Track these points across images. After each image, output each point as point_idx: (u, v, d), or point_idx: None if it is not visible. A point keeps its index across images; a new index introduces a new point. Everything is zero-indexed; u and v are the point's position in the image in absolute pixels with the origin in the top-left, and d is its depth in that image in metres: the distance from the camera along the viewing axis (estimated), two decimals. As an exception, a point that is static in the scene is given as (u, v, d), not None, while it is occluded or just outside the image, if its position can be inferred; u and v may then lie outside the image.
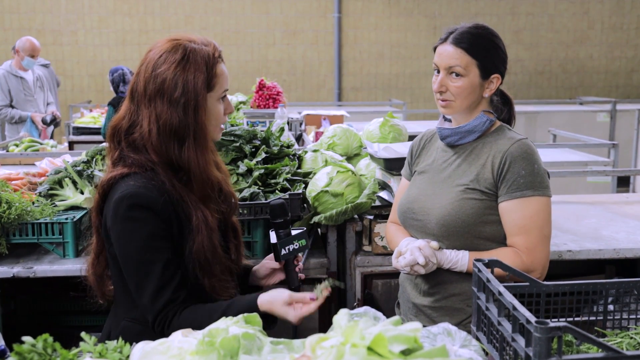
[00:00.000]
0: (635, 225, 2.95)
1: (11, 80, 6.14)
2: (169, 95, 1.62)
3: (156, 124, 1.63)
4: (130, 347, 1.21)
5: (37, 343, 1.15)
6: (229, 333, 1.13)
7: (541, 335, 1.07)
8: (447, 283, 1.94)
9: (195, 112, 1.64)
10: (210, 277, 1.67)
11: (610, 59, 10.37)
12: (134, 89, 1.68)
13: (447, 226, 1.88)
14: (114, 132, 1.70)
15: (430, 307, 1.97)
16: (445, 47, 1.89)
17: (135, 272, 1.63)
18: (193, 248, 1.64)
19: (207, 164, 1.69)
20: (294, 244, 1.85)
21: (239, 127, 2.81)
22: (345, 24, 9.94)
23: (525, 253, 1.85)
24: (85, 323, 3.05)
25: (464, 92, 1.88)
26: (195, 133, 1.65)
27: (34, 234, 2.49)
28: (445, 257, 1.88)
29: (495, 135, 1.94)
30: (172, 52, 1.64)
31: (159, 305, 1.62)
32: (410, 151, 2.15)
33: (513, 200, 1.85)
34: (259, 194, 2.58)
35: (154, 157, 1.65)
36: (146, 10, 9.61)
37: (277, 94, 5.61)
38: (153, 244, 1.61)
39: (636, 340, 1.39)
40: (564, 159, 4.61)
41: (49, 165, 3.17)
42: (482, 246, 1.90)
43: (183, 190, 1.66)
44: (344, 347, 0.90)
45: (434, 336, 1.22)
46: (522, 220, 1.84)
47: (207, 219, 1.66)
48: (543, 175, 1.88)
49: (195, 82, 1.63)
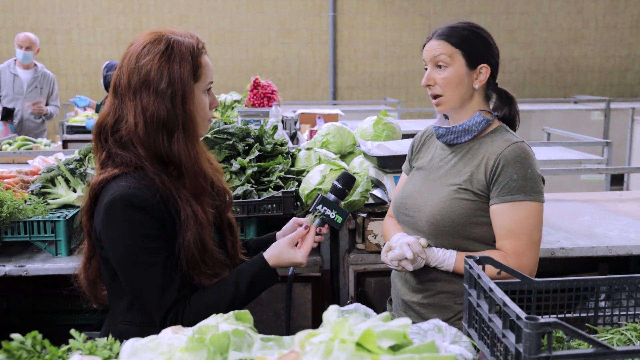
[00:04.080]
0: (627, 222, 2.96)
1: (6, 75, 6.21)
2: (155, 87, 1.58)
3: (142, 116, 1.59)
4: (121, 344, 1.21)
5: (26, 340, 1.14)
6: (219, 330, 1.12)
7: (531, 331, 1.07)
8: (436, 280, 1.94)
9: (183, 103, 1.60)
10: (200, 273, 1.64)
11: (605, 58, 10.40)
12: (117, 83, 1.64)
13: (436, 225, 1.88)
14: (100, 129, 1.65)
15: (418, 304, 1.97)
16: (430, 43, 1.92)
17: (134, 275, 1.59)
18: (182, 244, 1.60)
19: (199, 155, 1.65)
20: (332, 211, 1.79)
21: (232, 125, 2.81)
22: (340, 22, 9.94)
23: (512, 257, 1.83)
24: (78, 322, 3.05)
25: (450, 82, 1.87)
26: (185, 124, 1.61)
27: (26, 232, 2.48)
28: (433, 255, 1.87)
29: (492, 136, 1.92)
30: (155, 44, 1.61)
31: (166, 305, 1.59)
32: (412, 146, 2.15)
33: (504, 203, 1.83)
34: (252, 192, 2.58)
35: (142, 152, 1.60)
36: (140, 9, 9.59)
37: (272, 93, 5.61)
38: (149, 245, 1.57)
39: (627, 337, 1.39)
40: (558, 157, 4.62)
41: (42, 164, 3.15)
42: (471, 247, 1.89)
43: (173, 186, 1.62)
44: (332, 342, 0.90)
45: (425, 332, 1.22)
46: (512, 224, 1.83)
47: (197, 214, 1.62)
48: (536, 180, 1.85)
49: (182, 72, 1.59)
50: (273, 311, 2.68)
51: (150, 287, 1.58)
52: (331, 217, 1.79)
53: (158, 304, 1.59)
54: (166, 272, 1.59)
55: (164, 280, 1.58)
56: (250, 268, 1.70)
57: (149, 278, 1.58)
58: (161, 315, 1.60)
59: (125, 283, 1.62)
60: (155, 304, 1.59)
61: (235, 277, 1.68)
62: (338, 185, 1.83)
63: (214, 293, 1.64)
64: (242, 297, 1.66)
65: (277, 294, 2.64)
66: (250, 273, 1.69)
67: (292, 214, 2.63)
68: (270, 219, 2.70)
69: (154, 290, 1.58)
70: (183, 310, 1.60)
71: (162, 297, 1.58)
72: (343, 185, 1.84)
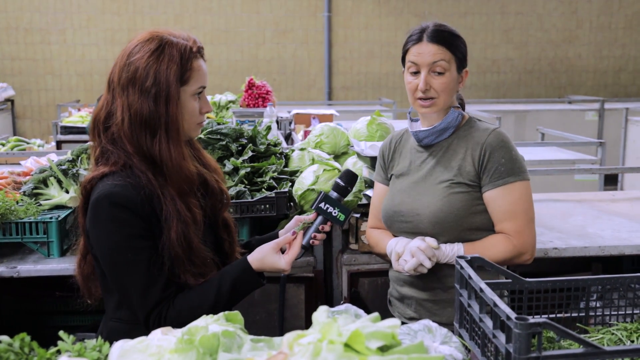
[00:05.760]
0: (620, 222, 2.96)
1: None
2: (140, 84, 1.59)
3: (128, 113, 1.60)
4: (110, 343, 1.20)
5: (14, 342, 1.14)
6: (209, 331, 1.11)
7: (521, 332, 1.08)
8: (447, 276, 1.96)
9: (166, 104, 1.60)
10: (185, 272, 1.63)
11: (599, 58, 10.43)
12: (111, 78, 1.65)
13: (440, 223, 1.91)
14: (94, 124, 1.67)
15: (430, 301, 1.99)
16: (423, 46, 1.91)
17: (119, 274, 1.60)
18: (166, 242, 1.60)
19: (181, 157, 1.64)
20: (335, 209, 1.78)
21: (225, 126, 2.80)
22: (335, 23, 9.93)
23: (515, 237, 1.91)
24: (72, 323, 3.03)
25: (447, 88, 1.92)
26: (167, 125, 1.61)
27: (18, 234, 2.47)
28: (442, 253, 1.91)
29: (468, 128, 1.99)
30: (147, 42, 1.62)
31: (149, 304, 1.59)
32: (382, 155, 2.16)
33: (497, 188, 1.90)
34: (245, 193, 2.57)
35: (129, 148, 1.62)
36: (135, 9, 9.56)
37: (267, 93, 5.60)
38: (133, 243, 1.58)
39: (617, 336, 1.39)
40: (552, 157, 4.63)
41: (34, 165, 3.14)
42: (474, 236, 1.94)
43: (158, 184, 1.62)
44: (321, 343, 0.89)
45: (415, 333, 1.22)
46: (509, 205, 1.90)
47: (181, 212, 1.62)
48: (521, 161, 1.94)
49: (168, 73, 1.59)
50: (266, 312, 2.68)
51: (133, 286, 1.59)
52: (334, 214, 1.78)
53: (141, 303, 1.59)
54: (150, 271, 1.59)
55: (148, 280, 1.59)
56: (233, 270, 1.70)
57: (132, 277, 1.59)
58: (144, 315, 1.60)
59: (111, 281, 1.64)
60: (139, 303, 1.60)
61: (218, 278, 1.67)
62: (341, 183, 1.83)
63: (197, 294, 1.64)
64: (225, 299, 1.65)
65: (270, 294, 2.64)
66: (232, 275, 1.68)
67: (285, 215, 2.63)
68: (263, 220, 2.70)
69: (137, 289, 1.59)
70: (167, 310, 1.60)
71: (145, 297, 1.59)
72: (346, 183, 1.84)
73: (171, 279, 1.63)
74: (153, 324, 1.59)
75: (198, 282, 1.66)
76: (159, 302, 1.60)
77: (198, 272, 1.66)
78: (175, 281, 1.64)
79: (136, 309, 1.62)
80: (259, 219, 2.68)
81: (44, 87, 9.51)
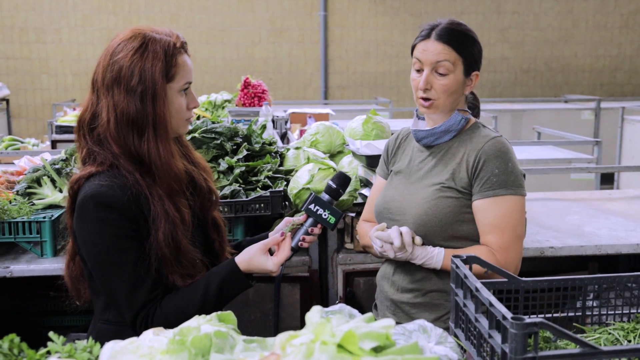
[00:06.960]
0: (617, 221, 2.96)
1: None
2: (125, 84, 1.56)
3: (114, 113, 1.57)
4: (100, 344, 1.18)
5: (3, 343, 1.12)
6: (201, 331, 1.10)
7: (517, 332, 1.06)
8: (426, 279, 1.92)
9: (153, 102, 1.57)
10: (173, 273, 1.61)
11: (595, 58, 10.44)
12: (95, 78, 1.63)
13: (424, 225, 1.86)
14: (79, 125, 1.64)
15: (408, 304, 1.95)
16: (429, 43, 1.85)
17: (105, 275, 1.58)
18: (153, 243, 1.58)
19: (170, 155, 1.62)
20: (325, 211, 1.74)
21: (220, 125, 2.78)
22: (331, 22, 9.92)
23: (498, 252, 1.82)
24: (66, 323, 3.01)
25: (449, 89, 1.85)
26: (155, 123, 1.59)
27: (11, 233, 2.45)
28: (420, 252, 1.84)
29: (470, 133, 1.92)
30: (130, 40, 1.60)
31: (136, 306, 1.57)
32: (386, 150, 2.13)
33: (486, 199, 1.82)
34: (240, 192, 2.56)
35: (116, 149, 1.59)
36: (131, 8, 9.53)
37: (263, 92, 5.58)
38: (120, 244, 1.56)
39: (614, 336, 1.38)
40: (548, 156, 4.63)
41: (28, 164, 3.12)
42: (459, 244, 1.87)
43: (146, 184, 1.60)
44: (313, 344, 0.88)
45: (409, 333, 1.21)
46: (495, 219, 1.82)
47: (169, 212, 1.60)
48: (517, 174, 1.85)
49: (153, 70, 1.57)
50: (261, 311, 2.66)
51: (120, 287, 1.57)
52: (324, 217, 1.74)
53: (128, 304, 1.57)
54: (137, 273, 1.57)
55: (134, 281, 1.56)
56: (220, 271, 1.67)
57: (119, 278, 1.56)
58: (131, 316, 1.58)
59: (98, 282, 1.62)
60: (125, 304, 1.58)
61: (206, 280, 1.65)
62: (333, 185, 1.79)
63: (184, 296, 1.62)
64: (213, 301, 1.63)
65: (265, 294, 2.62)
66: (219, 277, 1.65)
67: (280, 214, 2.61)
68: (258, 219, 2.68)
69: (123, 290, 1.57)
70: (154, 312, 1.58)
71: (131, 298, 1.57)
72: (338, 185, 1.79)
73: (159, 280, 1.61)
74: (140, 325, 1.57)
75: (186, 284, 1.63)
76: (146, 303, 1.58)
77: (186, 273, 1.64)
78: (162, 282, 1.61)
79: (123, 311, 1.59)
80: (254, 218, 2.67)
81: (40, 86, 9.48)
